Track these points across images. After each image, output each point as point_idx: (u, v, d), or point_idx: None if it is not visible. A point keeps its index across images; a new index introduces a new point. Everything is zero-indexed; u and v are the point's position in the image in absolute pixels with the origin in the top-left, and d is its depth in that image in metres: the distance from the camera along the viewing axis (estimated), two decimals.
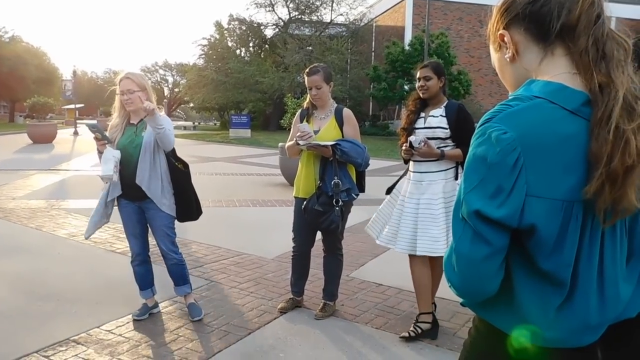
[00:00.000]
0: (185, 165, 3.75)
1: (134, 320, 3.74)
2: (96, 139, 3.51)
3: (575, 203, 1.05)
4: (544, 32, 1.12)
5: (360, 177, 3.96)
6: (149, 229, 3.78)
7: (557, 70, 1.11)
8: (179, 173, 3.69)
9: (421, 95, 3.58)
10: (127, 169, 3.57)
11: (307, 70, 3.87)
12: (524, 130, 1.03)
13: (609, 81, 1.04)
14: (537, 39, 1.14)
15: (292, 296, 4.07)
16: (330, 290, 4.00)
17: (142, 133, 3.58)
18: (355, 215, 4.00)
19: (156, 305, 3.93)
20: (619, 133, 1.00)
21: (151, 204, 3.60)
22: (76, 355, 3.21)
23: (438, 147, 3.47)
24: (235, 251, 5.64)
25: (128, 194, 3.63)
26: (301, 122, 3.94)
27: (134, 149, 3.54)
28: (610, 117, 1.00)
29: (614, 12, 1.14)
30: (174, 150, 3.66)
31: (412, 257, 3.59)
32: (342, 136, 3.78)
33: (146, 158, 3.53)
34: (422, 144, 3.40)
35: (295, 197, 3.94)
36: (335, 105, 3.93)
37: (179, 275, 3.82)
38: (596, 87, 1.04)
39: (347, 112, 3.87)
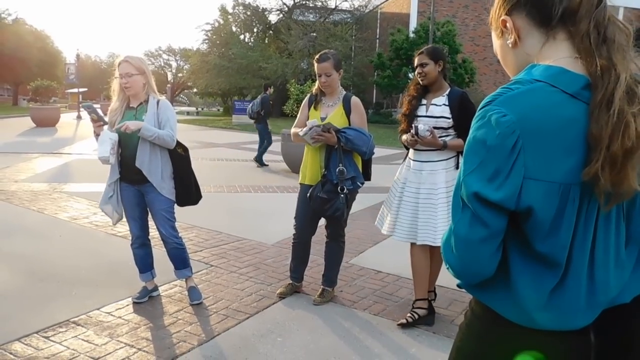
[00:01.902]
0: (185, 150, 3.76)
1: (134, 303, 3.77)
2: (92, 120, 3.52)
3: (573, 186, 1.06)
4: (546, 17, 1.12)
5: (367, 165, 3.95)
6: (149, 213, 3.79)
7: (559, 55, 1.12)
8: (178, 157, 3.69)
9: (420, 82, 3.53)
10: (126, 153, 3.58)
11: (317, 56, 3.83)
12: (523, 113, 1.04)
13: (610, 65, 1.04)
14: (539, 24, 1.14)
15: (291, 281, 4.09)
16: (330, 277, 4.02)
17: (142, 117, 3.57)
18: (356, 203, 4.00)
19: (156, 288, 3.96)
20: (620, 116, 1.00)
21: (151, 188, 3.60)
22: (76, 336, 3.24)
23: (440, 137, 3.44)
24: (235, 236, 5.65)
25: (128, 177, 3.64)
26: (309, 108, 3.94)
27: (133, 133, 3.53)
28: (611, 100, 1.01)
29: (622, 1, 1.14)
30: None
31: (413, 245, 3.60)
32: (349, 124, 3.77)
33: (146, 142, 3.52)
34: (429, 133, 3.37)
35: (300, 184, 3.94)
36: (344, 92, 3.90)
37: (179, 259, 3.83)
38: (597, 70, 1.04)
39: (355, 100, 3.85)
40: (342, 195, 3.64)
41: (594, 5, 1.08)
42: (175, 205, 3.77)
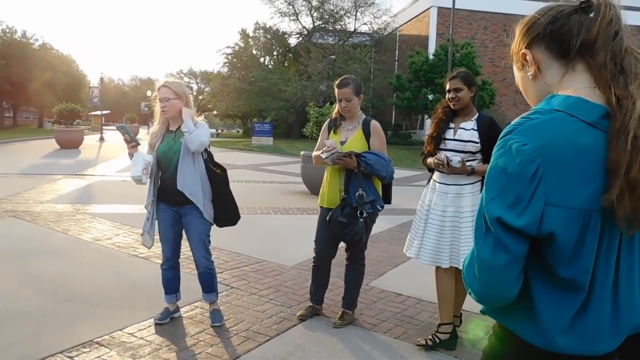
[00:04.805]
0: (223, 170, 3.82)
1: (156, 324, 3.80)
2: (126, 140, 3.61)
3: (594, 212, 1.08)
4: (564, 50, 1.16)
5: (387, 188, 3.96)
6: (183, 236, 3.84)
7: (578, 85, 1.15)
8: (216, 177, 3.75)
9: (452, 106, 3.52)
10: (166, 175, 3.67)
11: (337, 82, 3.86)
12: (543, 142, 1.06)
13: (627, 94, 1.07)
14: (558, 56, 1.18)
15: (311, 304, 4.08)
16: (350, 299, 4.01)
17: (180, 139, 3.65)
18: (376, 225, 4.00)
19: (177, 309, 3.99)
20: (636, 143, 1.03)
21: (191, 210, 3.66)
22: (99, 357, 3.27)
23: (467, 161, 3.44)
24: (255, 258, 5.68)
25: (167, 199, 3.71)
26: (329, 132, 3.97)
27: (173, 155, 3.62)
28: (627, 127, 1.04)
29: None
30: (211, 155, 3.75)
31: (438, 269, 3.58)
32: (369, 148, 3.79)
33: (185, 164, 3.61)
34: (460, 164, 3.38)
35: (320, 207, 3.96)
36: (364, 116, 3.93)
37: (207, 283, 3.86)
38: (613, 100, 1.07)
39: (374, 125, 3.87)
40: (361, 220, 3.65)
41: (610, 37, 1.11)
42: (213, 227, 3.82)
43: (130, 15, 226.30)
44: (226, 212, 3.81)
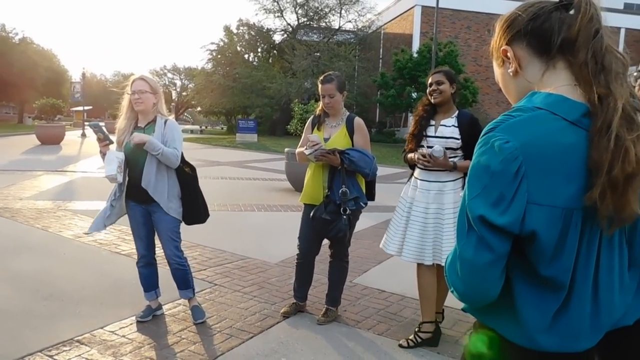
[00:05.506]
0: (192, 169, 3.79)
1: (137, 321, 3.76)
2: (99, 139, 3.56)
3: (575, 211, 1.08)
4: (545, 47, 1.16)
5: (371, 186, 3.97)
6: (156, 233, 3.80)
7: (559, 83, 1.15)
8: (186, 176, 3.72)
9: (432, 100, 3.52)
10: (134, 172, 3.62)
11: (321, 78, 3.86)
12: (525, 140, 1.07)
13: (608, 92, 1.07)
14: (539, 53, 1.18)
15: (295, 301, 4.08)
16: (334, 296, 4.01)
17: (150, 135, 3.60)
18: (360, 222, 4.00)
19: (159, 307, 3.96)
20: (618, 142, 1.03)
21: (158, 208, 3.63)
22: (79, 355, 3.23)
23: (449, 157, 3.46)
24: (239, 255, 5.66)
25: (135, 196, 3.66)
26: (312, 129, 3.96)
27: (141, 153, 3.56)
28: (610, 126, 1.04)
29: (624, 23, 1.18)
30: (181, 154, 3.70)
31: (420, 266, 3.58)
32: (352, 145, 3.79)
33: (153, 161, 3.56)
34: (442, 154, 3.39)
35: (303, 204, 3.95)
36: (347, 113, 3.93)
37: (181, 280, 3.84)
38: (595, 98, 1.08)
39: (358, 121, 3.87)
40: (344, 217, 3.65)
41: (591, 35, 1.12)
42: (183, 224, 3.79)
43: (112, 10, 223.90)
44: (195, 210, 3.78)
